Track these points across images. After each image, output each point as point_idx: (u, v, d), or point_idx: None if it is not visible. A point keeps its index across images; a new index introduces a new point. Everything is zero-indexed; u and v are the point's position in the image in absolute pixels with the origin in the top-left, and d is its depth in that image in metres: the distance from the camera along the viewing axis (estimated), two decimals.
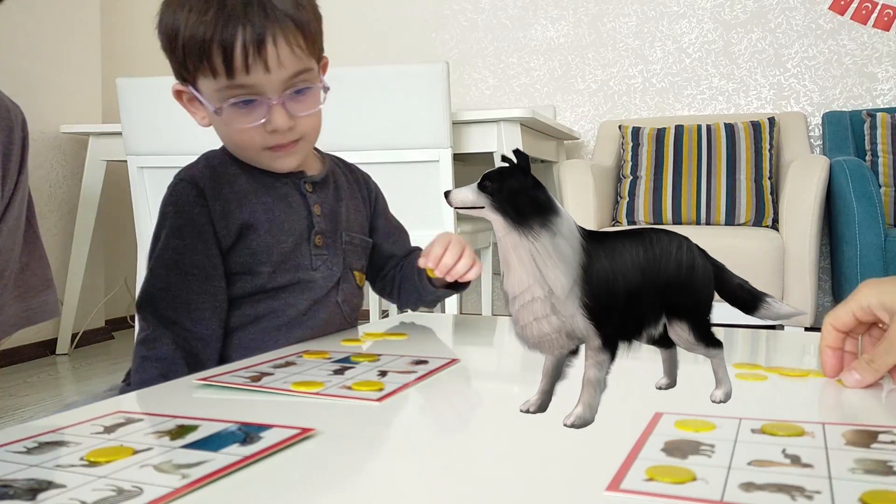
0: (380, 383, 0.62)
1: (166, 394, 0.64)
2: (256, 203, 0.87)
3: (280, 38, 0.80)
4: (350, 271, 0.95)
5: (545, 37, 3.35)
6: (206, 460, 0.43)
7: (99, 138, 2.80)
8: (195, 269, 0.84)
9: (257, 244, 0.86)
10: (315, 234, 0.90)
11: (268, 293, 0.88)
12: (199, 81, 0.83)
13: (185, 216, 0.85)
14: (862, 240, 2.34)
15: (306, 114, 0.85)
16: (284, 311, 0.88)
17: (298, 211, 0.90)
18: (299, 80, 0.83)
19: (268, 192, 0.88)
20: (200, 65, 0.80)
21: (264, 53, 0.79)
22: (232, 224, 0.85)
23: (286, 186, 0.90)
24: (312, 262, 0.90)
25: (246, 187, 0.88)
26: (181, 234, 0.85)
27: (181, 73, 0.85)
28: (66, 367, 2.66)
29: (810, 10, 3.01)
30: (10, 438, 0.48)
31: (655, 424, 0.49)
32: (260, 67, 0.79)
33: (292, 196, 0.90)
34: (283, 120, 0.82)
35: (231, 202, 0.86)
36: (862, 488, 0.38)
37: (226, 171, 0.88)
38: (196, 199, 0.85)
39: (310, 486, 0.42)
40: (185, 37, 0.80)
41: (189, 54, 0.81)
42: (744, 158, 2.75)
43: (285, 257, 0.88)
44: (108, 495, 0.38)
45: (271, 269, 0.87)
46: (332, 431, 0.50)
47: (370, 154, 2.13)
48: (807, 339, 1.00)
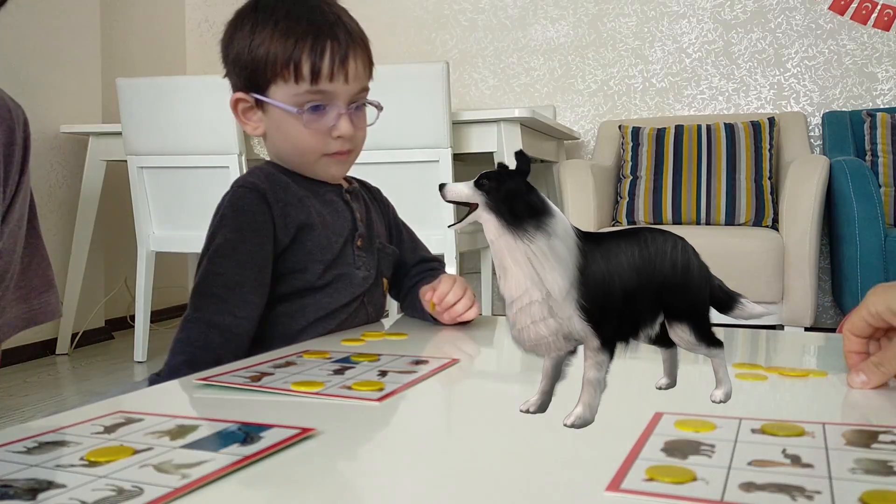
0: (380, 383, 0.62)
1: (166, 394, 0.64)
2: (310, 206, 0.94)
3: (359, 55, 0.93)
4: (380, 276, 1.02)
5: (545, 37, 3.35)
6: (206, 460, 0.43)
7: (99, 138, 2.80)
8: (249, 259, 0.89)
9: (313, 243, 0.93)
10: (357, 237, 0.98)
11: (315, 290, 0.93)
12: (273, 88, 0.91)
13: (245, 216, 0.91)
14: (862, 240, 2.34)
15: (363, 126, 0.97)
16: (328, 304, 0.94)
17: (344, 215, 0.98)
18: (362, 96, 0.95)
19: (317, 198, 0.96)
20: (285, 71, 0.89)
21: (347, 65, 0.91)
22: (291, 224, 0.92)
23: (330, 194, 0.98)
24: (355, 262, 0.96)
25: (299, 193, 0.95)
26: (239, 230, 0.90)
27: (252, 81, 0.92)
28: (66, 367, 2.66)
29: (810, 10, 3.01)
30: (10, 438, 0.48)
31: (655, 424, 0.49)
32: (342, 77, 0.91)
33: (337, 202, 0.98)
34: (348, 127, 0.92)
35: (289, 205, 0.93)
36: (862, 488, 0.38)
37: (279, 179, 0.95)
38: (257, 203, 0.91)
39: (310, 486, 0.42)
40: (272, 48, 0.89)
41: (273, 62, 0.89)
42: (744, 158, 2.75)
43: (336, 256, 0.94)
44: (108, 495, 0.38)
45: (323, 266, 0.93)
46: (332, 431, 0.50)
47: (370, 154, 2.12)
48: (807, 339, 1.00)
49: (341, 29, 0.92)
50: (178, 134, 2.46)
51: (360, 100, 0.95)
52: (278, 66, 0.90)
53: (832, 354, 0.83)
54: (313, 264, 0.93)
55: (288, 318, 0.93)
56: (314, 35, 0.89)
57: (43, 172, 2.82)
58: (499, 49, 3.41)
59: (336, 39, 0.90)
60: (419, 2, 3.48)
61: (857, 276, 2.35)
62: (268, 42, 0.90)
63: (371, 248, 1.00)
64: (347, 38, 0.92)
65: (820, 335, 0.99)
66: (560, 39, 3.33)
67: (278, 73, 0.90)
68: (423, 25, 3.48)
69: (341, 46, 0.90)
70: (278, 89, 0.91)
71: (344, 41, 0.91)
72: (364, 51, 0.94)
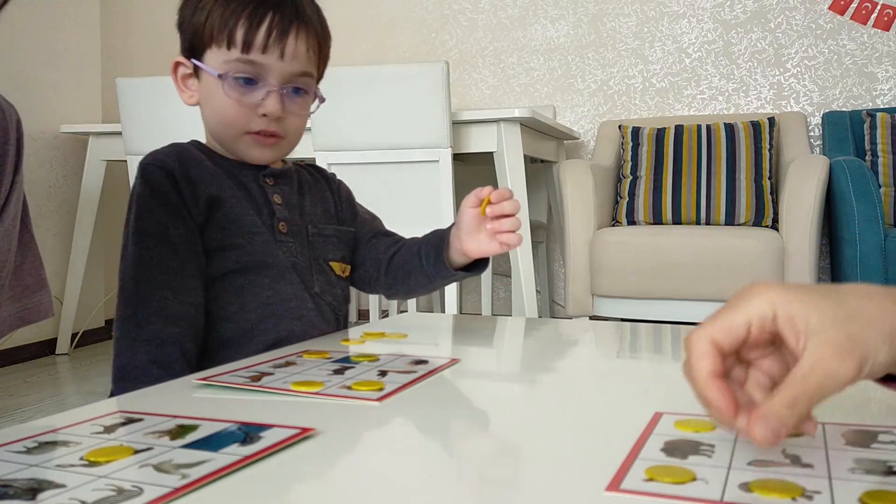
0: (380, 383, 0.62)
1: (166, 393, 0.64)
2: (221, 181, 0.90)
3: (302, 34, 0.87)
4: (324, 263, 0.95)
5: (545, 37, 3.35)
6: (206, 460, 0.43)
7: (99, 138, 2.80)
8: (181, 241, 0.85)
9: (226, 218, 0.88)
10: (278, 222, 0.92)
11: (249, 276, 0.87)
12: (208, 53, 0.88)
13: (161, 196, 0.86)
14: (862, 240, 2.34)
15: (297, 113, 0.91)
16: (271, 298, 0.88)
17: (256, 199, 0.92)
18: (301, 80, 0.89)
19: (229, 177, 0.91)
20: (220, 35, 0.86)
21: (285, 41, 0.86)
22: (201, 199, 0.87)
23: (246, 177, 0.92)
24: (281, 248, 0.91)
25: (210, 169, 0.90)
26: (161, 210, 0.86)
27: (192, 45, 0.89)
28: (66, 367, 2.66)
29: (810, 10, 3.01)
30: (9, 438, 0.48)
31: (655, 424, 0.49)
32: (276, 52, 0.86)
33: (250, 185, 0.92)
34: (276, 105, 0.87)
35: (197, 182, 0.88)
36: (862, 488, 0.38)
37: (190, 154, 0.91)
38: (165, 180, 0.86)
39: (310, 486, 0.42)
40: (214, 9, 0.86)
41: (211, 25, 0.86)
42: (744, 158, 2.75)
43: (256, 234, 0.89)
44: (108, 495, 0.38)
45: (244, 241, 0.88)
46: (332, 431, 0.50)
47: (370, 154, 2.13)
48: None
49: (290, 6, 0.87)
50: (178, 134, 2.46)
51: (298, 83, 0.89)
52: (214, 30, 0.86)
53: None
54: (233, 238, 0.87)
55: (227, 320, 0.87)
56: (256, 4, 0.86)
57: (43, 172, 2.82)
58: (499, 49, 3.41)
59: (279, 11, 0.86)
60: (419, 2, 3.48)
61: (857, 276, 2.35)
62: (210, 6, 0.87)
63: (300, 234, 0.94)
64: (294, 14, 0.87)
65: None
66: (560, 39, 3.33)
67: (213, 38, 0.87)
68: (423, 25, 3.48)
69: (284, 19, 0.86)
70: (212, 55, 0.88)
71: (289, 16, 0.86)
72: (313, 34, 0.89)
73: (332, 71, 0.95)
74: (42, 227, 2.82)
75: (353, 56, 3.50)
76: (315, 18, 0.90)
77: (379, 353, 0.75)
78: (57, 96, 2.86)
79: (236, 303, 0.87)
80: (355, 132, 2.13)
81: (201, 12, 0.87)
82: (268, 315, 0.88)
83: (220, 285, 0.87)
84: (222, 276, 0.87)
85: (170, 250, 0.84)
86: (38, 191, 2.80)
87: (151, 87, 2.50)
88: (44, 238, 2.81)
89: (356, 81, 2.11)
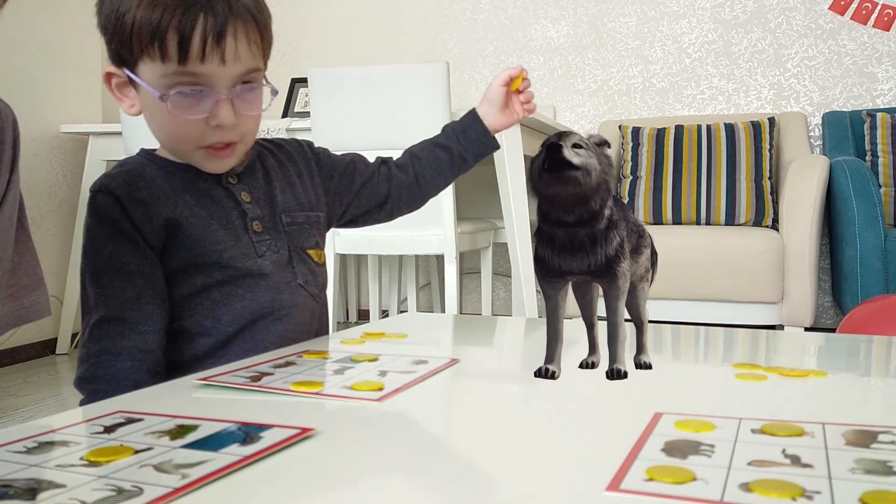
0: (380, 383, 0.62)
1: (166, 394, 0.64)
2: (178, 201, 0.85)
3: (241, 31, 0.79)
4: (301, 252, 0.92)
5: (545, 37, 3.35)
6: (206, 460, 0.43)
7: (99, 138, 2.80)
8: (137, 270, 0.82)
9: (191, 241, 0.83)
10: (252, 221, 0.88)
11: (223, 287, 0.85)
12: (142, 66, 0.80)
13: (110, 224, 0.82)
14: (862, 240, 2.34)
15: (251, 113, 0.84)
16: (247, 308, 0.85)
17: (224, 204, 0.87)
18: (249, 77, 0.82)
19: (187, 191, 0.86)
20: (150, 47, 0.77)
21: (223, 44, 0.78)
22: (156, 222, 0.83)
23: (206, 183, 0.87)
24: (257, 250, 0.87)
25: (164, 187, 0.85)
26: (113, 240, 0.82)
27: (120, 54, 0.81)
28: (66, 367, 2.66)
29: (810, 10, 3.01)
30: (9, 438, 0.48)
31: (655, 424, 0.49)
32: (216, 58, 0.78)
33: (214, 191, 0.87)
34: (228, 115, 0.80)
35: (150, 204, 0.83)
36: (862, 488, 0.38)
37: (142, 173, 0.85)
38: (113, 207, 0.82)
39: (310, 486, 0.42)
40: (138, 16, 0.76)
41: (138, 34, 0.77)
42: (744, 158, 2.75)
43: (225, 248, 0.85)
44: (108, 495, 0.38)
45: (214, 259, 0.84)
46: (332, 431, 0.50)
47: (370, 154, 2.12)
48: (807, 339, 1.00)
49: (219, 1, 0.77)
50: None
51: (248, 82, 0.82)
52: (143, 41, 0.77)
53: (832, 354, 0.83)
54: (201, 258, 0.83)
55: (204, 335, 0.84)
56: (185, 7, 0.76)
57: (43, 172, 2.82)
58: (499, 49, 3.41)
59: (210, 11, 0.76)
60: (419, 2, 3.48)
61: (857, 276, 2.35)
62: (134, 8, 0.76)
63: (275, 227, 0.90)
64: (227, 10, 0.77)
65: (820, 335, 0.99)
66: (560, 39, 3.33)
67: (143, 50, 0.77)
68: (423, 25, 3.48)
69: (217, 20, 0.76)
70: (145, 68, 0.79)
71: (222, 14, 0.77)
72: (252, 26, 0.80)
73: (332, 71, 0.94)
74: (42, 227, 2.82)
75: (353, 56, 3.50)
76: (251, 4, 0.81)
77: (379, 353, 0.75)
78: (57, 96, 2.86)
79: (211, 317, 0.85)
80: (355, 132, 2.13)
81: (125, 14, 0.77)
82: (247, 325, 0.85)
83: (193, 301, 0.84)
84: (195, 294, 0.84)
85: (124, 281, 0.81)
86: (39, 191, 2.80)
87: None
88: (44, 238, 2.82)
89: (356, 81, 2.11)
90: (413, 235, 2.16)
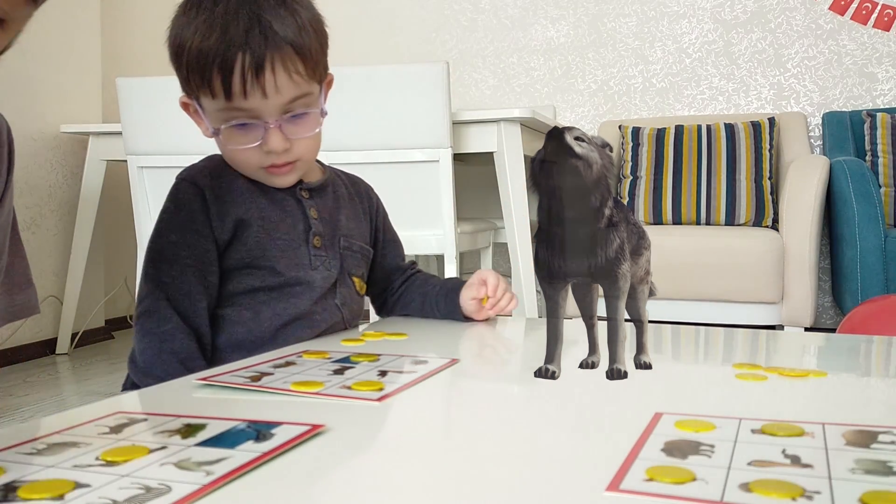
0: (380, 383, 0.62)
1: (166, 394, 0.64)
2: (252, 202, 0.90)
3: (279, 64, 0.81)
4: (348, 276, 0.97)
5: (545, 37, 3.35)
6: (225, 457, 0.44)
7: (99, 138, 2.80)
8: (193, 263, 0.86)
9: (253, 241, 0.88)
10: (313, 236, 0.92)
11: (271, 291, 0.89)
12: (202, 98, 0.85)
13: (185, 213, 0.87)
14: (862, 240, 2.34)
15: (303, 136, 0.87)
16: (286, 311, 0.89)
17: (293, 214, 0.92)
18: (297, 104, 0.85)
19: (264, 195, 0.91)
20: (202, 85, 0.83)
21: (262, 79, 0.81)
22: (227, 220, 0.88)
23: (282, 192, 0.93)
24: (312, 263, 0.92)
25: (243, 188, 0.90)
26: (181, 230, 0.87)
27: (186, 87, 0.87)
28: (66, 367, 2.66)
29: (810, 10, 3.01)
30: (11, 440, 0.48)
31: (655, 424, 0.49)
32: (258, 93, 0.81)
33: (287, 201, 0.92)
34: (278, 142, 0.85)
35: (227, 201, 0.88)
36: (862, 488, 0.38)
37: (225, 172, 0.91)
38: (195, 197, 0.87)
39: (310, 487, 0.42)
40: (190, 56, 0.82)
41: (192, 72, 0.83)
42: (744, 158, 2.75)
43: (284, 255, 0.90)
44: (137, 493, 0.38)
45: (270, 264, 0.89)
46: (332, 431, 0.50)
47: (370, 154, 2.13)
48: (807, 339, 1.00)
49: (256, 36, 0.80)
50: (178, 134, 2.46)
51: (296, 110, 0.85)
52: (196, 80, 0.83)
53: (832, 354, 0.83)
54: (258, 261, 0.88)
55: (241, 325, 0.88)
56: (224, 47, 0.80)
57: (43, 172, 2.82)
58: (499, 49, 3.41)
59: (248, 50, 0.80)
60: (419, 2, 3.48)
61: (857, 276, 2.35)
62: (188, 47, 0.82)
63: (333, 247, 0.95)
64: (262, 46, 0.80)
65: (820, 335, 0.99)
66: (560, 39, 3.33)
67: (198, 87, 0.84)
68: (423, 25, 3.48)
69: (254, 57, 0.80)
70: (206, 101, 0.85)
71: (258, 51, 0.80)
72: (290, 56, 0.82)
73: (332, 71, 0.94)
74: (42, 227, 2.82)
75: (353, 56, 3.50)
76: (291, 34, 0.82)
77: (379, 353, 0.75)
78: (57, 96, 2.86)
79: (251, 311, 0.89)
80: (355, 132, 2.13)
81: (182, 58, 0.83)
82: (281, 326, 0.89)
83: (238, 297, 0.89)
84: (242, 292, 0.89)
85: (178, 272, 0.86)
86: (39, 191, 2.80)
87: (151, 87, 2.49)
88: (44, 238, 2.81)
89: (356, 81, 2.11)
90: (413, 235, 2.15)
